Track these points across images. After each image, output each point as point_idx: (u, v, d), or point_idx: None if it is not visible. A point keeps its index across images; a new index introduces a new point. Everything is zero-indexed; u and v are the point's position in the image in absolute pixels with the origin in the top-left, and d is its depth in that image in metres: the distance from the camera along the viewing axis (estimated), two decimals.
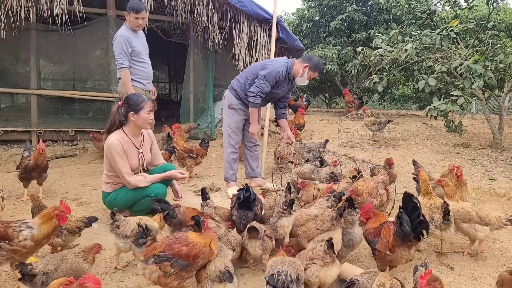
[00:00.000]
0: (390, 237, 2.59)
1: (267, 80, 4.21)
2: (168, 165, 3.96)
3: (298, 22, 14.41)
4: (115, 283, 2.74)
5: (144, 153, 3.76)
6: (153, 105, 3.63)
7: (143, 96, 3.66)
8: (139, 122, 3.58)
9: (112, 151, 3.47)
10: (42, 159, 4.17)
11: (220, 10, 7.07)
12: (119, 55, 4.85)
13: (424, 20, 8.88)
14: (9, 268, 2.84)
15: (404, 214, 2.54)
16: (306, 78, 4.30)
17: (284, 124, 4.72)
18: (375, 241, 2.68)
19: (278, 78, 4.24)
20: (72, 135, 6.95)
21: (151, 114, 3.61)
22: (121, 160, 3.47)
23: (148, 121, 3.60)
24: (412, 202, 2.56)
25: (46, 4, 6.09)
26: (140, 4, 5.05)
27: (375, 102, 18.61)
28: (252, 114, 4.37)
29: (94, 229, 3.59)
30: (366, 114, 7.79)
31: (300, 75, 4.28)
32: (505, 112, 8.03)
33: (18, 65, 7.41)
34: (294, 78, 4.39)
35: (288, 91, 4.60)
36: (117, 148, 3.47)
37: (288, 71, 4.31)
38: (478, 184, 4.99)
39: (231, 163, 4.60)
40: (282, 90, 4.46)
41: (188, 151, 5.14)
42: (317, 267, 2.47)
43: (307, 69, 4.26)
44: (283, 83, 4.36)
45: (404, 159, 6.21)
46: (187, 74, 8.10)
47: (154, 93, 5.49)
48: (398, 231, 2.54)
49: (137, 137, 3.70)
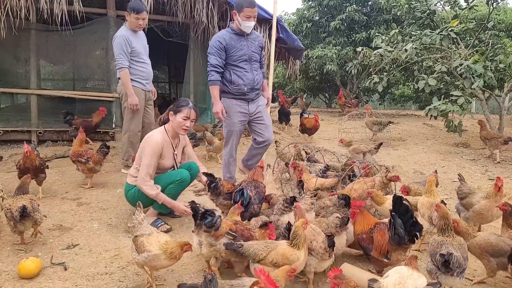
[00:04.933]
0: (384, 243, 2.57)
1: (209, 53, 4.20)
2: (193, 163, 3.92)
3: (298, 22, 14.41)
4: (115, 283, 2.74)
5: (177, 155, 3.82)
6: (194, 114, 3.61)
7: (189, 102, 3.64)
8: (174, 124, 3.60)
9: (150, 148, 3.50)
10: (30, 162, 4.11)
11: (220, 10, 7.07)
12: (119, 55, 4.84)
13: (424, 20, 8.89)
14: (9, 268, 2.85)
15: (396, 217, 2.52)
16: (243, 21, 4.10)
17: (264, 84, 4.61)
18: (369, 248, 2.66)
19: (221, 44, 4.12)
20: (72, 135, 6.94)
21: (188, 121, 3.58)
22: (151, 158, 3.48)
23: (182, 126, 3.58)
24: (402, 204, 2.56)
25: (46, 4, 6.08)
26: (140, 4, 5.05)
27: (375, 102, 18.61)
28: (212, 92, 4.22)
29: (94, 229, 3.61)
30: (368, 113, 7.79)
31: (239, 23, 4.14)
32: (505, 112, 8.03)
33: (18, 65, 7.39)
34: (245, 34, 4.22)
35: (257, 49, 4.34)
36: (156, 149, 3.50)
37: (232, 32, 4.20)
38: (478, 184, 4.99)
39: (228, 166, 4.53)
40: (247, 49, 4.22)
41: (77, 155, 4.59)
42: (315, 260, 2.58)
43: (236, 15, 4.16)
44: (238, 43, 4.18)
45: (404, 159, 6.21)
46: (187, 74, 8.09)
47: (154, 93, 5.49)
48: (393, 236, 2.52)
49: (174, 139, 3.75)
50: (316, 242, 2.59)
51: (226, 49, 4.15)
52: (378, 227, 2.71)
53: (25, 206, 3.01)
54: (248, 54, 4.23)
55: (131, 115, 5.08)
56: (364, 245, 2.71)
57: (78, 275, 2.81)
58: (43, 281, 2.72)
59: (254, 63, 4.31)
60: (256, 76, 4.32)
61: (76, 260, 3.03)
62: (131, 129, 5.14)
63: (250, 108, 4.36)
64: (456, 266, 2.32)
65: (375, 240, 2.63)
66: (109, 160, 5.90)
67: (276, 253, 2.47)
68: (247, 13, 4.07)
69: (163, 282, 2.75)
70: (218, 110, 4.20)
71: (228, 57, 4.18)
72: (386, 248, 2.57)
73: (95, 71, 7.94)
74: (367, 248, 2.67)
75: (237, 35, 4.20)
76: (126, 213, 3.97)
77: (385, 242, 2.58)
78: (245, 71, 4.23)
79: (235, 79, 4.20)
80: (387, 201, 3.29)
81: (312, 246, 2.58)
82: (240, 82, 4.21)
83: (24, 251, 3.13)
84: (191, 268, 2.96)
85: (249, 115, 4.38)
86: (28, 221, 3.09)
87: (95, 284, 2.72)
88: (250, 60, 4.25)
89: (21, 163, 4.12)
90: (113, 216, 3.91)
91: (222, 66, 4.18)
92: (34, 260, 2.79)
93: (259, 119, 4.45)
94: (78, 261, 3.02)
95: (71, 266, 2.92)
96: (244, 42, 4.23)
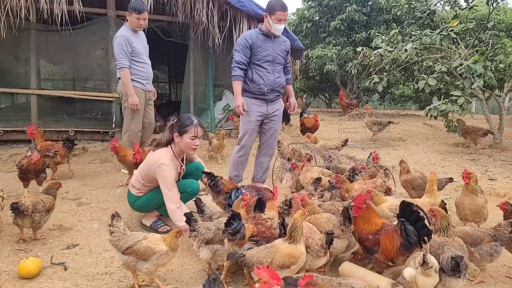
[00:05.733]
0: (393, 249, 2.51)
1: (235, 50, 4.28)
2: (198, 163, 3.91)
3: (298, 22, 14.42)
4: (115, 283, 2.73)
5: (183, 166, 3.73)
6: (201, 131, 3.44)
7: (193, 119, 3.45)
8: (182, 145, 3.43)
9: (166, 177, 3.31)
10: (33, 166, 4.16)
11: (220, 10, 7.06)
12: (119, 55, 4.84)
13: (424, 20, 8.89)
14: (9, 268, 2.85)
15: (408, 224, 2.47)
16: (274, 24, 4.15)
17: (289, 90, 4.70)
18: (375, 250, 2.59)
19: (247, 42, 4.19)
20: (72, 135, 6.95)
21: (196, 140, 3.43)
22: (171, 189, 3.32)
23: (192, 146, 3.43)
24: (414, 212, 2.49)
25: (46, 4, 6.08)
26: (141, 4, 5.05)
27: (375, 102, 18.61)
28: (234, 87, 4.31)
29: (94, 229, 3.61)
30: (368, 113, 7.79)
31: (270, 26, 4.19)
32: (505, 112, 8.03)
33: (18, 65, 7.39)
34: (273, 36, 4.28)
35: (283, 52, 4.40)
36: (170, 179, 3.32)
37: (260, 32, 4.28)
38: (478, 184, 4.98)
39: (236, 164, 4.54)
40: (272, 50, 4.28)
41: (46, 150, 4.81)
42: (310, 257, 2.57)
43: (267, 17, 4.21)
44: (263, 43, 4.24)
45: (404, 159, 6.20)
46: (187, 74, 8.09)
47: (154, 94, 5.49)
48: (404, 243, 2.46)
49: (180, 155, 3.61)
50: (312, 239, 2.59)
51: (252, 48, 4.22)
52: (385, 229, 2.61)
53: (16, 203, 3.08)
54: (272, 56, 4.28)
55: (131, 115, 5.08)
56: (368, 245, 2.63)
57: (78, 275, 2.81)
58: (43, 281, 2.72)
59: (277, 65, 4.35)
60: (278, 78, 4.36)
61: (76, 260, 3.03)
62: (131, 129, 5.14)
63: (269, 109, 4.42)
64: (464, 268, 2.32)
65: (382, 243, 2.55)
66: (109, 160, 5.91)
67: (281, 255, 2.44)
68: (279, 16, 4.12)
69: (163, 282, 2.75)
70: (239, 104, 4.23)
71: (253, 56, 4.25)
72: (395, 253, 2.51)
73: (95, 71, 7.94)
74: (372, 249, 2.60)
75: (264, 36, 4.27)
76: (126, 213, 3.97)
77: (394, 248, 2.51)
78: (267, 71, 4.28)
79: (256, 78, 4.26)
80: (386, 203, 3.29)
81: (308, 243, 2.58)
82: (260, 82, 4.26)
83: (24, 251, 3.13)
84: (191, 268, 2.96)
85: (266, 115, 4.43)
86: (25, 219, 3.12)
87: (95, 284, 2.72)
88: (273, 61, 4.30)
89: (24, 164, 4.13)
90: None
91: (245, 63, 4.25)
92: (34, 260, 2.79)
93: (272, 122, 4.51)
94: (78, 261, 3.02)
95: (71, 266, 2.92)
96: (270, 44, 4.28)
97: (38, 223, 3.21)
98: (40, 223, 3.22)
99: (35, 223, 3.18)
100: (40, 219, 3.19)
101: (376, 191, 3.42)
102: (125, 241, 2.55)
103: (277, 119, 4.54)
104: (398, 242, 2.51)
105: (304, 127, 7.74)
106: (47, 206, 3.25)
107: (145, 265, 2.52)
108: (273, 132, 4.55)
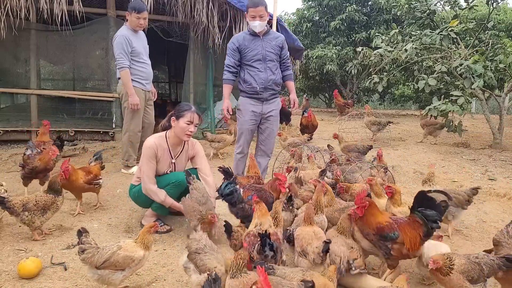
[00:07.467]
0: (417, 238, 2.54)
1: (227, 54, 4.35)
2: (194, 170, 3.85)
3: (298, 22, 14.42)
4: None
5: (177, 164, 3.73)
6: (198, 118, 3.58)
7: (191, 106, 3.63)
8: (177, 130, 3.53)
9: (144, 152, 3.51)
10: (53, 163, 4.20)
11: (220, 10, 7.07)
12: (119, 55, 4.84)
13: (424, 20, 8.89)
14: (9, 268, 2.85)
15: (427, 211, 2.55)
16: (250, 21, 4.19)
17: (289, 86, 4.67)
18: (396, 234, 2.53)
19: (234, 45, 4.27)
20: (72, 135, 6.95)
21: (191, 126, 3.52)
22: (147, 163, 3.47)
23: (186, 131, 3.51)
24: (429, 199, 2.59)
25: (46, 4, 6.08)
26: (142, 4, 5.05)
27: (375, 102, 18.61)
28: (223, 91, 4.43)
29: (94, 229, 3.61)
30: (367, 113, 7.79)
31: (250, 22, 4.22)
32: (505, 112, 8.03)
33: (18, 65, 7.40)
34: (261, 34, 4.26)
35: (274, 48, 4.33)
36: (149, 151, 3.47)
37: (248, 33, 4.31)
38: (478, 184, 4.98)
39: (237, 163, 4.60)
40: (261, 49, 4.26)
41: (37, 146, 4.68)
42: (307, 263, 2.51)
43: (247, 14, 4.25)
44: (251, 43, 4.25)
45: (404, 159, 6.21)
46: (187, 74, 8.10)
47: (154, 94, 5.48)
48: (426, 231, 2.53)
49: (176, 146, 3.66)
50: (310, 246, 2.57)
51: (240, 50, 4.28)
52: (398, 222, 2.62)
53: (3, 197, 3.11)
54: (262, 54, 4.27)
55: (131, 115, 5.09)
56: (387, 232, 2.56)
57: (78, 275, 2.81)
58: (43, 281, 2.72)
59: (269, 63, 4.32)
60: (270, 76, 4.31)
61: (76, 260, 3.02)
62: (131, 129, 5.14)
63: (264, 109, 4.39)
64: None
65: (406, 235, 2.55)
66: (109, 160, 5.90)
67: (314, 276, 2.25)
68: (251, 13, 4.16)
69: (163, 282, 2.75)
70: (224, 107, 4.34)
71: (242, 57, 4.30)
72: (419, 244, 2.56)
73: (95, 71, 7.96)
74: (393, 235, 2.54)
75: (252, 36, 4.29)
76: (126, 213, 3.98)
77: (417, 237, 2.55)
78: (258, 70, 4.27)
79: (248, 78, 4.29)
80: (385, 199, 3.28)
81: (306, 249, 2.55)
82: (252, 81, 4.28)
83: (24, 251, 3.13)
84: None
85: (261, 115, 4.42)
86: (17, 217, 3.15)
87: (95, 284, 2.71)
88: (264, 59, 4.28)
89: (41, 164, 4.11)
90: (113, 216, 3.91)
91: (235, 66, 4.31)
92: (34, 260, 2.79)
93: (268, 123, 4.48)
94: (78, 261, 2.99)
95: (71, 266, 2.92)
96: (259, 42, 4.28)
97: (31, 222, 3.17)
98: (35, 222, 3.18)
99: (24, 222, 3.16)
100: (31, 219, 3.15)
101: (375, 180, 3.45)
102: (100, 255, 2.40)
103: (273, 119, 4.51)
104: (421, 232, 2.54)
105: (303, 127, 7.77)
106: (41, 205, 3.19)
107: (122, 273, 2.45)
108: (269, 132, 4.53)
